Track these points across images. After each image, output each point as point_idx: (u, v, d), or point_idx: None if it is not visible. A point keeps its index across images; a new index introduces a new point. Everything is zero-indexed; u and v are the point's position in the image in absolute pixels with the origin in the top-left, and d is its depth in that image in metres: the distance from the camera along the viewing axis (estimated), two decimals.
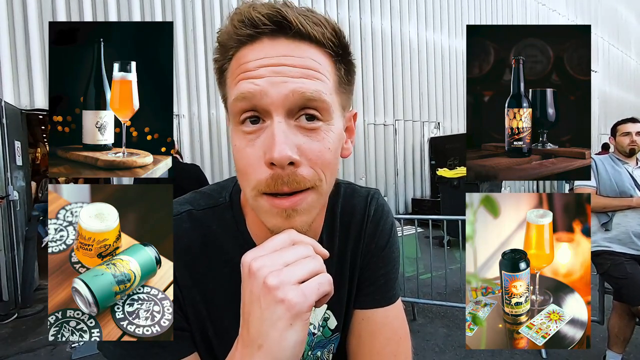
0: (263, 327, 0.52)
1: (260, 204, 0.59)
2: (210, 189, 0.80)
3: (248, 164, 0.58)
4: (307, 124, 0.57)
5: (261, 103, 0.55)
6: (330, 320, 0.82)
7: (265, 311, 0.51)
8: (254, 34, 0.57)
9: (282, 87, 0.55)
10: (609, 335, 2.87)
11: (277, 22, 0.56)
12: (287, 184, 0.56)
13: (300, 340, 0.52)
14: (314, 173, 0.58)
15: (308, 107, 0.57)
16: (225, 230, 0.74)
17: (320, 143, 0.58)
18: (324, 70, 0.59)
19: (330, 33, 0.59)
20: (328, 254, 0.59)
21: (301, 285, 0.52)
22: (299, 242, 0.57)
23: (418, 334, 3.74)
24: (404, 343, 0.81)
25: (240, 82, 0.57)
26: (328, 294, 0.55)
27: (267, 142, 0.55)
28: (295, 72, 0.56)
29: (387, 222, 0.86)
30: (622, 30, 19.38)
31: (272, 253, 0.54)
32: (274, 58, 0.56)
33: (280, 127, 0.55)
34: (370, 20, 9.85)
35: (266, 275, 0.51)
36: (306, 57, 0.57)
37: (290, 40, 0.57)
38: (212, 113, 7.53)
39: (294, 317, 0.51)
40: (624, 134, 2.92)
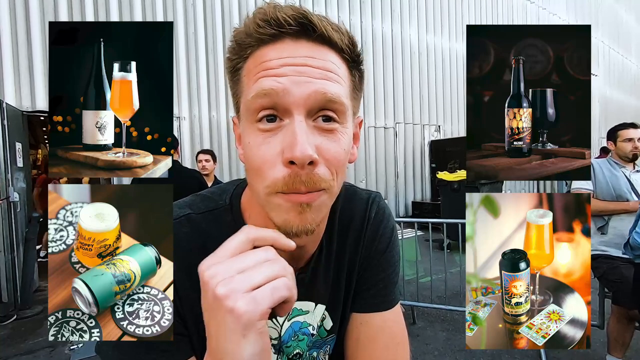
0: (220, 341, 0.50)
1: (274, 201, 0.59)
2: (211, 192, 0.79)
3: (263, 162, 0.58)
4: (325, 125, 0.58)
5: (283, 101, 0.56)
6: (326, 321, 0.82)
7: (219, 323, 0.49)
8: (278, 33, 0.57)
9: (304, 86, 0.55)
10: (608, 340, 2.86)
11: (301, 23, 0.56)
12: (304, 183, 0.56)
13: (257, 352, 0.49)
14: (329, 173, 0.59)
15: (327, 108, 0.57)
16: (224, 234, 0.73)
17: (337, 144, 0.59)
18: (342, 75, 0.60)
19: (348, 40, 0.61)
20: (294, 246, 0.57)
21: (253, 292, 0.48)
22: (259, 239, 0.54)
23: (418, 337, 3.73)
24: (402, 348, 0.81)
25: (262, 79, 0.57)
26: (288, 300, 0.51)
27: (286, 141, 0.55)
28: (318, 73, 0.57)
29: (388, 226, 0.85)
30: (623, 34, 19.42)
31: (227, 260, 0.52)
32: (297, 58, 0.57)
33: (301, 126, 0.55)
34: (371, 23, 9.88)
35: (216, 285, 0.49)
36: (327, 60, 0.58)
37: (312, 43, 0.58)
38: (212, 115, 7.55)
39: (245, 327, 0.47)
40: (627, 140, 2.92)
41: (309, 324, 0.79)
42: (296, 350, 0.79)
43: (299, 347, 0.79)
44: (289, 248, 0.56)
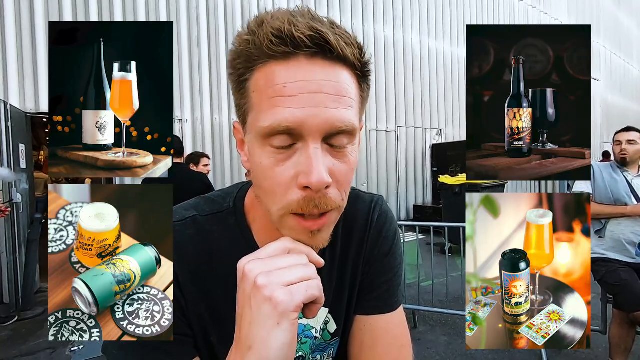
0: (252, 328, 0.53)
1: (287, 222, 0.60)
2: (215, 195, 0.80)
3: (277, 184, 0.57)
4: (337, 147, 0.58)
5: (298, 131, 0.55)
6: (330, 324, 0.82)
7: (254, 311, 0.53)
8: (292, 52, 0.54)
9: (320, 117, 0.54)
10: (610, 345, 2.85)
11: (318, 44, 0.54)
12: (317, 207, 0.57)
13: (287, 342, 0.52)
14: (339, 194, 0.60)
15: (340, 134, 0.57)
16: (228, 236, 0.74)
17: (347, 165, 0.59)
18: (353, 94, 0.59)
19: (358, 52, 0.59)
20: (323, 263, 0.61)
21: (289, 286, 0.53)
22: (294, 250, 0.58)
23: (419, 341, 3.71)
24: (405, 350, 0.81)
25: (277, 109, 0.54)
26: (317, 301, 0.56)
27: (301, 165, 0.55)
28: (332, 100, 0.55)
29: (391, 229, 0.85)
30: (624, 39, 19.41)
31: (266, 258, 0.56)
32: (313, 83, 0.54)
33: (316, 153, 0.55)
34: (373, 27, 9.90)
35: (256, 276, 0.53)
36: (341, 82, 0.57)
37: (327, 62, 0.56)
38: (215, 118, 7.57)
39: (281, 315, 0.51)
40: (617, 143, 2.93)
41: (312, 326, 0.79)
42: (299, 353, 0.79)
43: (302, 350, 0.79)
44: (319, 265, 0.60)
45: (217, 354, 0.72)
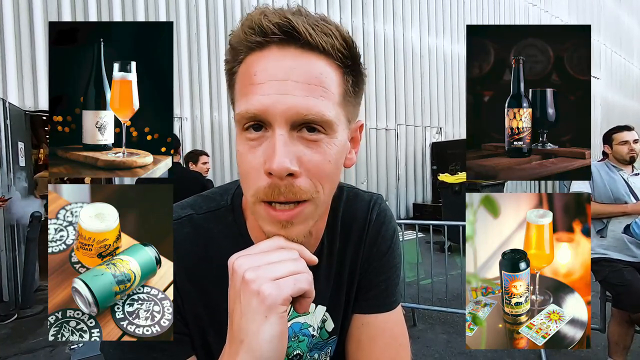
0: (242, 322, 0.54)
1: (259, 211, 0.60)
2: (213, 192, 0.80)
3: (248, 170, 0.59)
4: (309, 136, 0.57)
5: (264, 117, 0.56)
6: (327, 323, 0.82)
7: (244, 305, 0.54)
8: (263, 41, 0.56)
9: (285, 104, 0.55)
10: (609, 343, 2.86)
11: (286, 31, 0.55)
12: (283, 194, 0.57)
13: (277, 335, 0.54)
14: (312, 184, 0.59)
15: (309, 123, 0.57)
16: (226, 234, 0.74)
17: (321, 155, 0.58)
18: (329, 84, 0.58)
19: (340, 44, 0.58)
20: (316, 260, 0.61)
21: (277, 280, 0.54)
22: (287, 248, 0.59)
23: (418, 340, 3.72)
24: (403, 349, 0.81)
25: (249, 96, 0.57)
26: (307, 295, 0.57)
27: (267, 152, 0.56)
28: (300, 88, 0.55)
29: (389, 228, 0.85)
30: (625, 38, 19.40)
31: (256, 254, 0.58)
32: (280, 71, 0.56)
33: (281, 139, 0.55)
34: (373, 25, 9.89)
35: (245, 271, 0.55)
36: (313, 70, 0.57)
37: (299, 50, 0.57)
38: (214, 116, 7.56)
39: (269, 309, 0.53)
40: (622, 143, 2.92)
41: (309, 325, 0.79)
42: (296, 351, 0.79)
43: (299, 348, 0.79)
44: (311, 262, 0.60)
45: (215, 354, 0.72)
